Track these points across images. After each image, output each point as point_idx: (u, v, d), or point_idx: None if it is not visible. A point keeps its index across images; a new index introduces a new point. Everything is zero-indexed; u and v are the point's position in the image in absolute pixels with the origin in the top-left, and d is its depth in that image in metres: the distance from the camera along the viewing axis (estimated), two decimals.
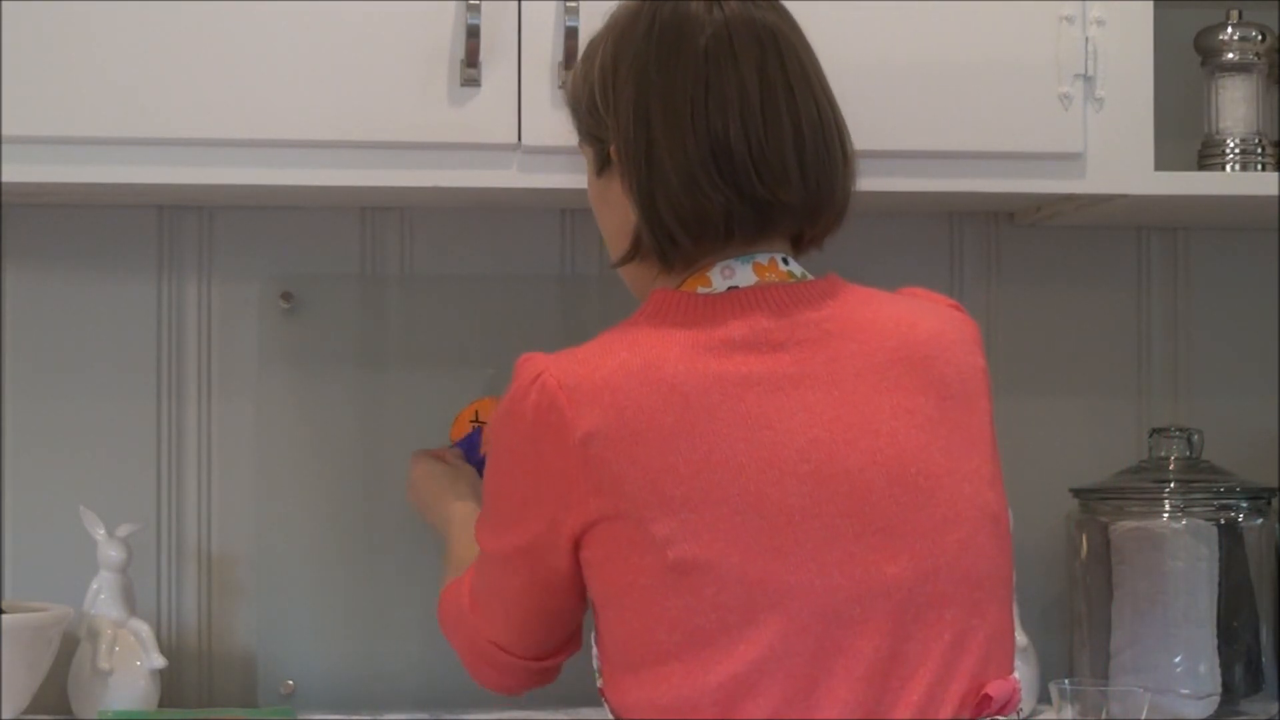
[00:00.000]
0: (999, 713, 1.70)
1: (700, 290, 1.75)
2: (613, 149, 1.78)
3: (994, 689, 1.69)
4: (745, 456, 1.66)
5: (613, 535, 1.67)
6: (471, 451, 2.42)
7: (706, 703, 1.64)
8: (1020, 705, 1.75)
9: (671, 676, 1.65)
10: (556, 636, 1.84)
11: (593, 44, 1.84)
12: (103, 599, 2.33)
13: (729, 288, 1.75)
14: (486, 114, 2.16)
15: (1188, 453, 2.44)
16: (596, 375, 1.69)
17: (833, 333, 1.73)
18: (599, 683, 1.78)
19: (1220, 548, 2.37)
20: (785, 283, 1.76)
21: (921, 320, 1.77)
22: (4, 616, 2.20)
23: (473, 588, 1.86)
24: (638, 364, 1.69)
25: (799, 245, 1.83)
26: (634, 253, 1.80)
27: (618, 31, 1.79)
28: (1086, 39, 2.23)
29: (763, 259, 1.77)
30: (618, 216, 1.82)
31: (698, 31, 1.74)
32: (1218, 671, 2.35)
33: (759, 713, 1.63)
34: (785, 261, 1.78)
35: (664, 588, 1.65)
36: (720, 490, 1.65)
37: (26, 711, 2.28)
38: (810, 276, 1.79)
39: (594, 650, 1.78)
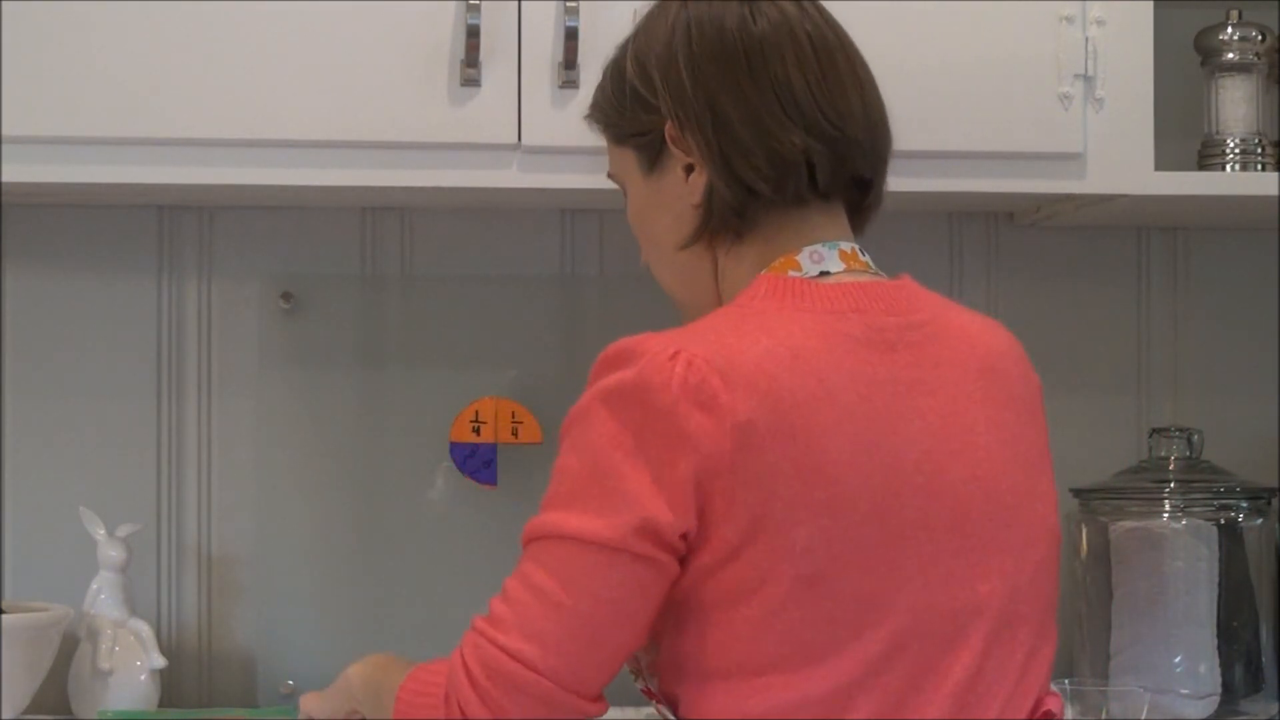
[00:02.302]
0: None
1: (791, 274, 1.68)
2: (669, 127, 1.72)
3: (1053, 703, 1.69)
4: (875, 464, 1.59)
5: (750, 537, 1.56)
6: (464, 461, 2.43)
7: (799, 715, 1.57)
8: None
9: (770, 688, 1.57)
10: (615, 666, 1.61)
11: (618, 50, 1.80)
12: (103, 599, 2.33)
13: (820, 273, 1.69)
14: (486, 114, 2.16)
15: (1188, 453, 2.44)
16: (747, 359, 1.57)
17: (933, 336, 1.68)
18: (640, 684, 1.74)
19: (1220, 548, 2.37)
20: (872, 277, 1.71)
21: (996, 333, 1.74)
22: (4, 616, 2.20)
23: (518, 598, 1.58)
24: (784, 352, 1.58)
25: (856, 219, 1.78)
26: (704, 225, 1.71)
27: (645, 28, 1.76)
28: (1086, 39, 2.23)
29: (845, 247, 1.71)
30: (673, 211, 1.74)
31: (740, 8, 1.71)
32: (1218, 671, 2.35)
33: None
34: (863, 253, 1.73)
35: (788, 599, 1.56)
36: (853, 498, 1.57)
37: (26, 711, 2.28)
38: (884, 274, 1.74)
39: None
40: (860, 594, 1.57)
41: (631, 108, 1.76)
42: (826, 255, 1.70)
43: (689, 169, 1.72)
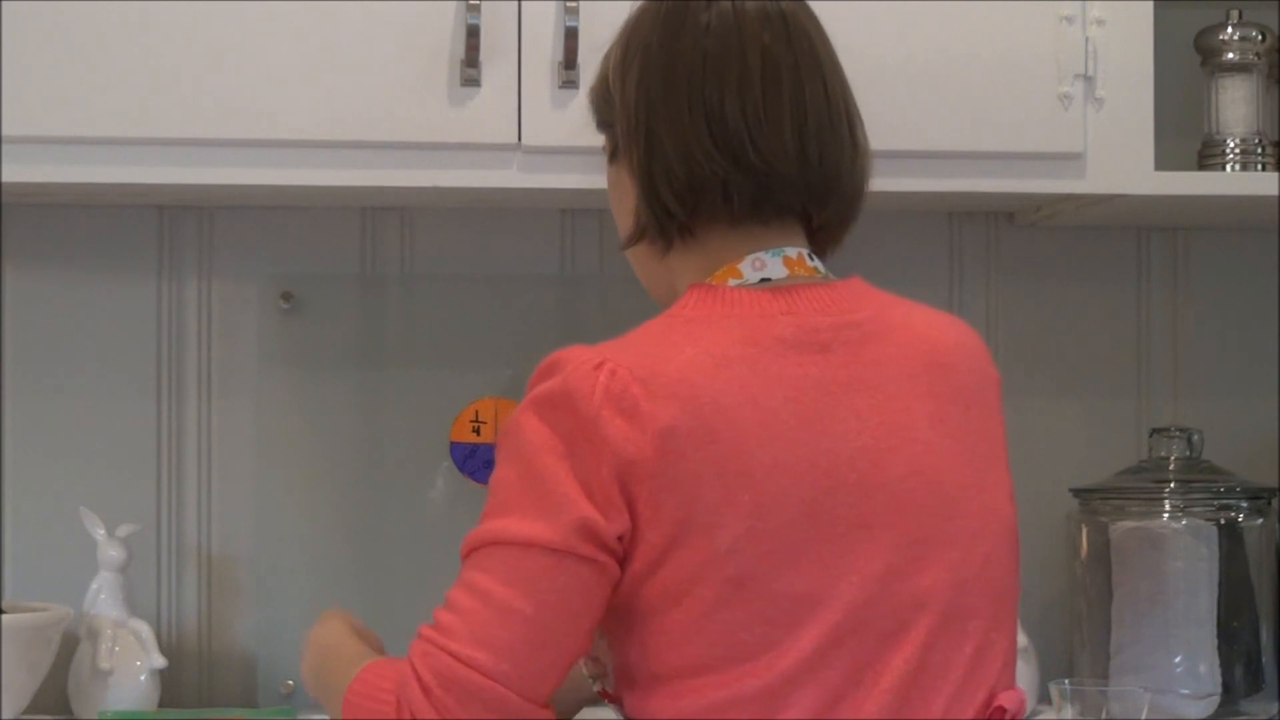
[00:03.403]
0: None
1: (732, 282, 1.70)
2: (619, 128, 1.75)
3: (1006, 699, 1.68)
4: (805, 463, 1.61)
5: (675, 542, 1.58)
6: (464, 461, 2.43)
7: (736, 713, 1.58)
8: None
9: (705, 688, 1.59)
10: (562, 672, 1.62)
11: (619, 33, 1.81)
12: (103, 599, 2.33)
13: (761, 280, 1.70)
14: (486, 114, 2.16)
15: (1188, 453, 2.44)
16: (670, 368, 1.60)
17: (872, 335, 1.69)
18: (596, 687, 1.77)
19: (1220, 548, 2.37)
20: (815, 280, 1.72)
21: (946, 329, 1.75)
22: (4, 616, 2.20)
23: (465, 606, 1.60)
24: (706, 360, 1.61)
25: (817, 239, 1.78)
26: (637, 233, 1.75)
27: (632, 22, 1.78)
28: (1086, 39, 2.23)
29: (791, 253, 1.72)
30: (627, 202, 1.77)
31: (702, 10, 1.72)
32: (1218, 671, 2.35)
33: None
34: (811, 258, 1.74)
35: (718, 600, 1.58)
36: (782, 498, 1.59)
37: (26, 711, 2.28)
38: (833, 277, 1.75)
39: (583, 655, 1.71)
40: (793, 592, 1.59)
41: (603, 97, 1.79)
42: (769, 262, 1.71)
43: None
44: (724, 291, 1.69)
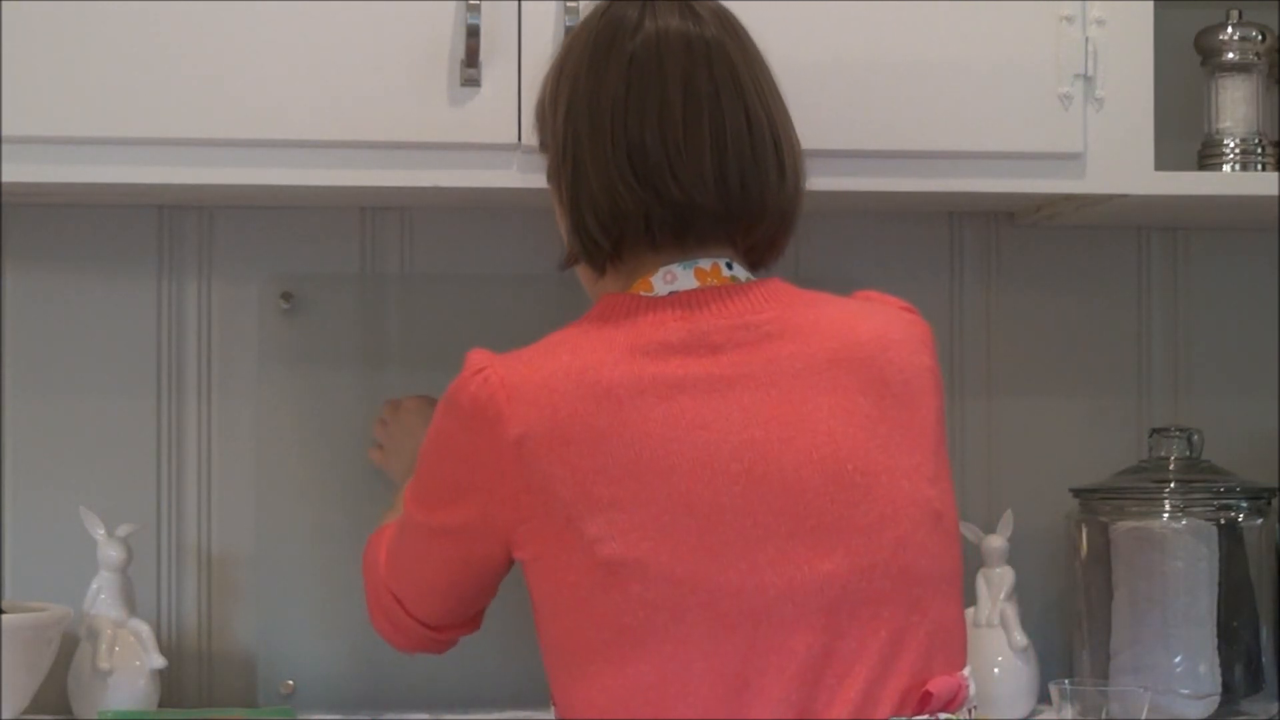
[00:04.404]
0: (944, 709, 1.70)
1: (642, 294, 1.78)
2: (550, 156, 1.85)
3: (935, 685, 1.70)
4: (677, 457, 1.69)
5: (544, 534, 1.71)
6: None
7: (638, 701, 1.66)
8: (971, 702, 1.75)
9: (603, 675, 1.67)
10: (458, 614, 1.90)
11: (557, 56, 1.89)
12: (103, 599, 2.33)
13: (670, 292, 1.78)
14: (486, 114, 2.16)
15: (1188, 453, 2.44)
16: (537, 376, 1.73)
17: (771, 334, 1.76)
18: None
19: (1220, 548, 2.37)
20: (725, 285, 1.79)
21: (864, 321, 1.80)
22: (4, 616, 2.20)
23: (391, 543, 1.92)
24: (576, 367, 1.73)
25: (751, 254, 1.85)
26: (573, 256, 1.86)
27: (564, 47, 1.87)
28: (1086, 39, 2.23)
29: (705, 264, 1.80)
30: (562, 225, 1.88)
31: (627, 39, 1.79)
32: (1218, 671, 2.35)
33: (690, 712, 1.65)
34: (729, 266, 1.81)
35: (593, 586, 1.68)
36: (650, 491, 1.68)
37: (26, 711, 2.28)
38: (752, 280, 1.81)
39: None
40: (674, 577, 1.66)
41: (539, 116, 1.90)
42: (680, 274, 1.79)
43: None
44: (623, 300, 1.78)
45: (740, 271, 1.81)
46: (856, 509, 1.70)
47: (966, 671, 1.75)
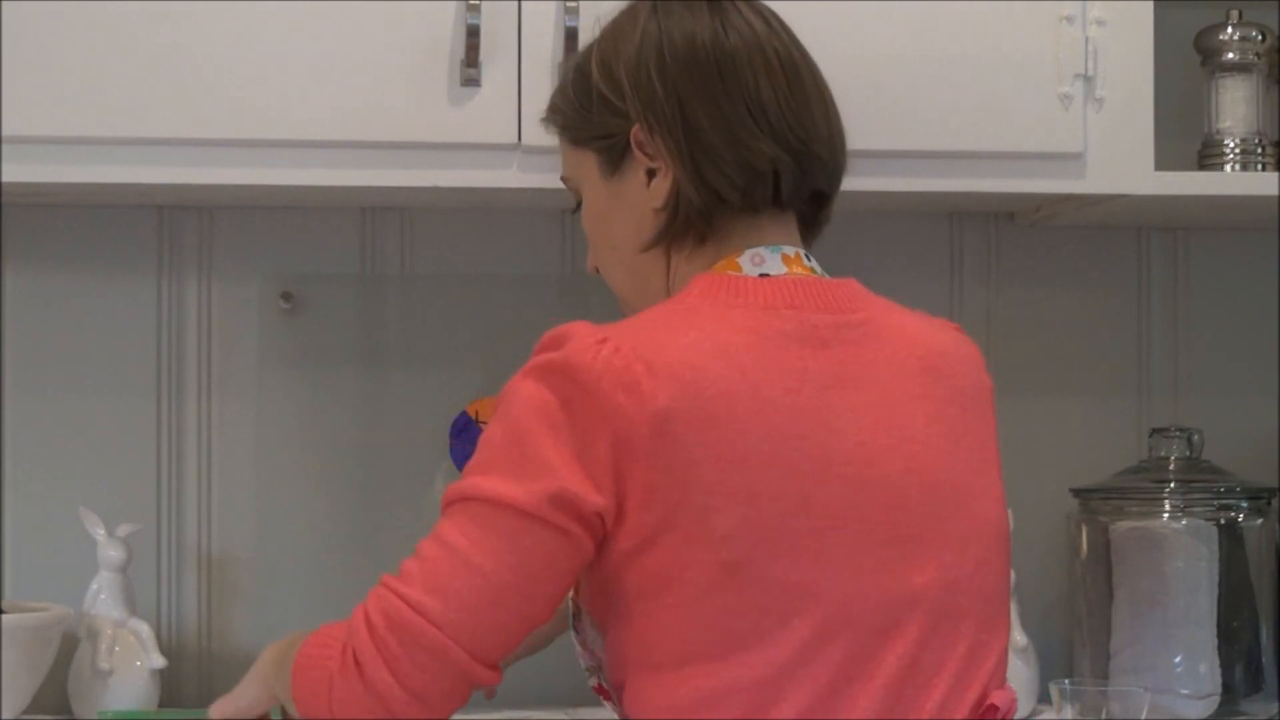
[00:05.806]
0: None
1: (730, 274, 1.71)
2: (636, 131, 1.74)
3: (999, 699, 1.69)
4: (800, 455, 1.61)
5: (668, 523, 1.58)
6: (463, 461, 2.42)
7: (730, 704, 1.59)
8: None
9: (696, 676, 1.59)
10: (516, 637, 1.62)
11: (581, 55, 1.82)
12: (103, 599, 2.33)
13: (760, 274, 1.71)
14: (486, 114, 2.16)
15: (1188, 453, 2.44)
16: (671, 350, 1.60)
17: (870, 335, 1.70)
18: (592, 681, 1.76)
19: (1220, 548, 2.37)
20: (813, 278, 1.73)
21: (936, 334, 1.76)
22: (4, 616, 2.20)
23: (428, 555, 1.60)
24: (710, 345, 1.61)
25: (807, 240, 1.80)
26: (667, 229, 1.74)
27: (610, 33, 1.78)
28: (1086, 39, 2.23)
29: (789, 251, 1.74)
30: (634, 215, 1.77)
31: (700, 9, 1.74)
32: (1218, 671, 2.35)
33: (781, 716, 1.60)
34: (808, 258, 1.76)
35: (709, 585, 1.58)
36: (777, 488, 1.60)
37: (26, 711, 2.28)
38: (829, 277, 1.76)
39: (579, 649, 1.73)
40: (786, 582, 1.59)
41: (597, 110, 1.78)
42: (768, 258, 1.72)
43: (651, 173, 1.74)
44: (727, 280, 1.70)
45: (816, 264, 1.76)
46: (946, 523, 1.67)
47: (1011, 685, 1.76)
